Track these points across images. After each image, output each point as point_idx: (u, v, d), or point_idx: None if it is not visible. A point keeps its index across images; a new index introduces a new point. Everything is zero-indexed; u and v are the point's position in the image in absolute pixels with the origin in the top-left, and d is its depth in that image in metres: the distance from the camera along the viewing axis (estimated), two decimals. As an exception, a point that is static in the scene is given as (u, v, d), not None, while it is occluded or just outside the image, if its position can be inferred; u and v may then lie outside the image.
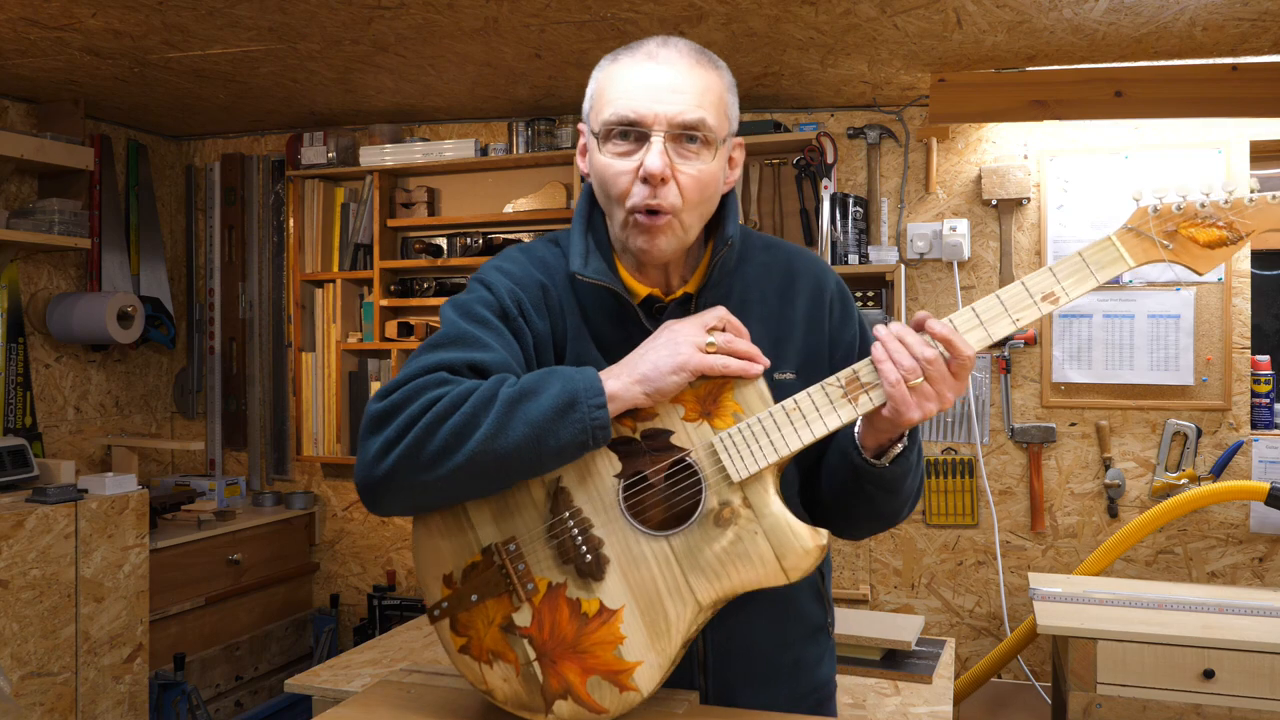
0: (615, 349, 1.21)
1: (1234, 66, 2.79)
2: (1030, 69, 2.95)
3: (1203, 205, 1.09)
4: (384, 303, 3.73)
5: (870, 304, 3.27)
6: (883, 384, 1.09)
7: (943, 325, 1.09)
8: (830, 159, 3.26)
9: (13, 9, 2.50)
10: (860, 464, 1.18)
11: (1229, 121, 3.01)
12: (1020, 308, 1.10)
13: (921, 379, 1.08)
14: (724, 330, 1.14)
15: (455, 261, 3.71)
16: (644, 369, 1.11)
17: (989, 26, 2.59)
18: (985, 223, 3.28)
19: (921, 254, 3.29)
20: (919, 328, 1.11)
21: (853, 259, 3.21)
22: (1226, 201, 1.08)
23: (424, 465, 1.09)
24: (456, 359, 1.15)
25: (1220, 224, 1.08)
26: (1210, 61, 2.80)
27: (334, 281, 3.84)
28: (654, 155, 1.14)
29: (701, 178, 1.17)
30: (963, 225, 3.23)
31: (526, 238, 3.65)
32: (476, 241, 3.68)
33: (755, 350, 1.13)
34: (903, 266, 3.22)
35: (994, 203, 3.23)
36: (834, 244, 3.22)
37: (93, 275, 3.65)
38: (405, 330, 3.73)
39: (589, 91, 1.24)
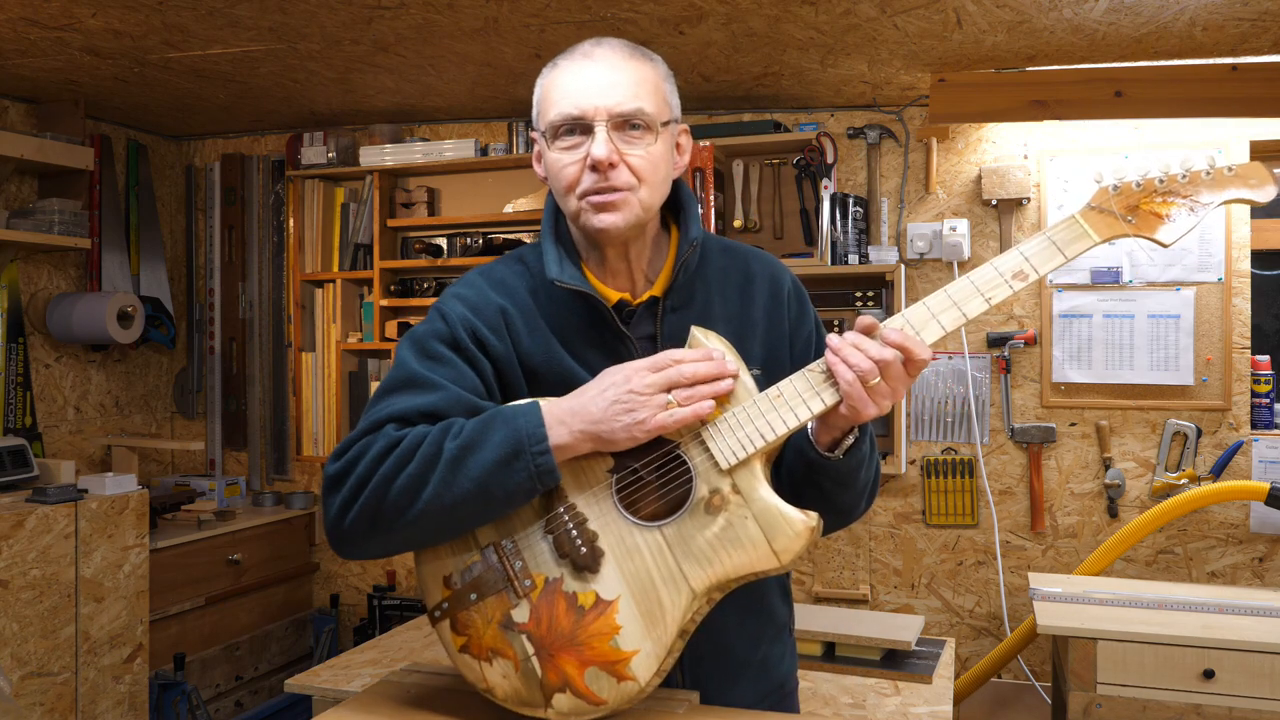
0: (590, 357, 1.26)
1: (1234, 66, 2.79)
2: (1030, 69, 2.95)
3: (1161, 181, 1.15)
4: (384, 303, 3.73)
5: (870, 304, 3.27)
6: (839, 384, 1.12)
7: (897, 332, 1.12)
8: (830, 159, 3.26)
9: (13, 9, 2.50)
10: (815, 459, 1.21)
11: (1229, 121, 3.01)
12: (991, 287, 1.15)
13: (879, 379, 1.11)
14: (675, 366, 1.14)
15: (455, 261, 3.71)
16: (599, 427, 1.13)
17: (989, 26, 2.59)
18: (985, 223, 3.28)
19: (921, 254, 3.29)
20: (868, 332, 1.13)
21: (853, 259, 3.21)
22: (1184, 176, 1.14)
23: (380, 524, 1.15)
24: (408, 408, 1.19)
25: (1180, 196, 1.14)
26: (1210, 61, 2.80)
27: (334, 281, 3.84)
28: (599, 144, 1.20)
29: (650, 158, 1.23)
30: (963, 225, 3.23)
31: (527, 238, 3.65)
32: (476, 241, 3.68)
33: (715, 367, 1.14)
34: (903, 266, 3.22)
35: (994, 203, 3.23)
36: (834, 244, 3.22)
37: (93, 275, 3.65)
38: (405, 330, 3.73)
39: (534, 100, 1.29)
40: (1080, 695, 2.45)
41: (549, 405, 1.15)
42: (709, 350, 1.14)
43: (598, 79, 1.21)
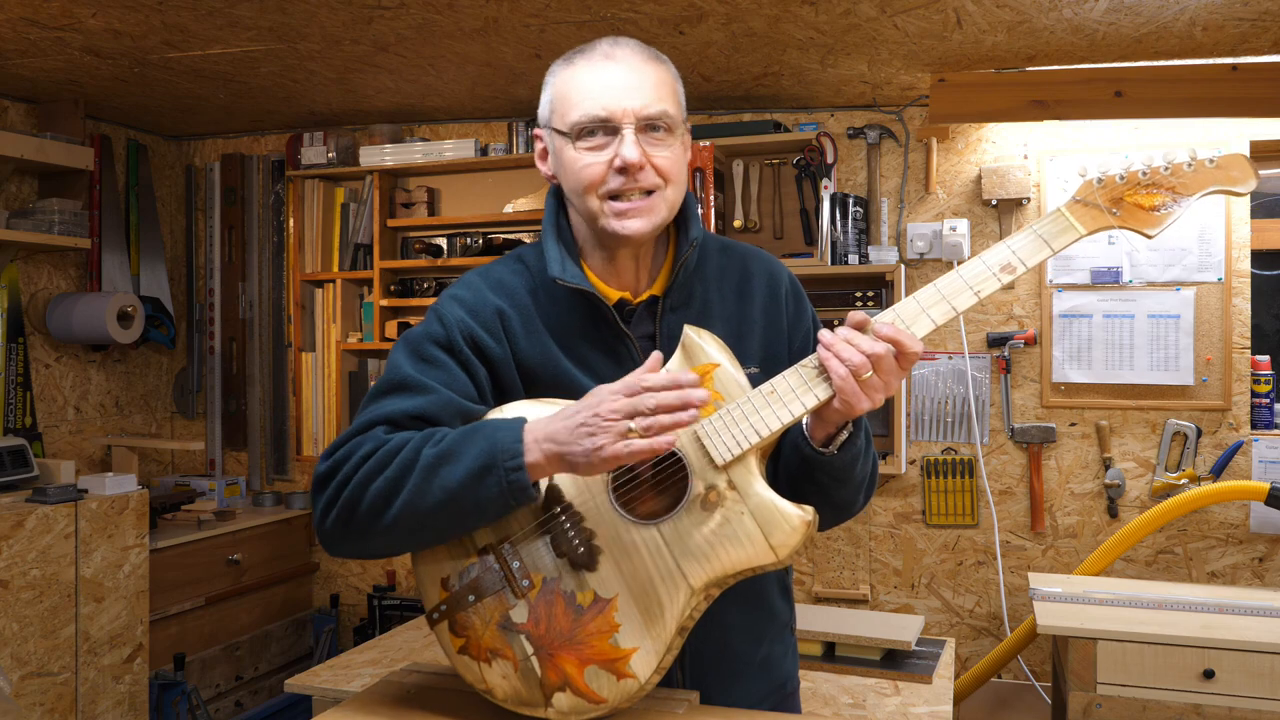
0: (589, 357, 1.27)
1: (1234, 66, 2.79)
2: (1030, 69, 2.95)
3: (1144, 173, 1.17)
4: (384, 303, 3.73)
5: (870, 304, 3.27)
6: (832, 379, 1.12)
7: (888, 326, 1.12)
8: (830, 159, 3.26)
9: (13, 9, 2.50)
10: (810, 454, 1.22)
11: (1229, 121, 3.01)
12: (980, 280, 1.15)
13: (871, 373, 1.11)
14: (655, 391, 1.07)
15: (455, 261, 3.71)
16: (564, 449, 1.09)
17: (989, 26, 2.59)
18: (985, 223, 3.28)
19: (921, 254, 3.29)
20: (860, 327, 1.14)
21: (853, 259, 3.21)
22: (1167, 168, 1.16)
23: (358, 525, 1.16)
24: (398, 410, 1.20)
25: (1163, 189, 1.16)
26: (1210, 61, 2.80)
27: (334, 281, 3.84)
28: (629, 146, 1.21)
29: (674, 158, 1.25)
30: (963, 225, 3.23)
31: (527, 238, 3.65)
32: (476, 241, 3.68)
33: (681, 395, 1.07)
34: (903, 266, 3.22)
35: (994, 203, 3.23)
36: (834, 244, 3.22)
37: (93, 275, 3.65)
38: (405, 331, 3.73)
39: (547, 96, 1.29)
40: (1080, 695, 2.45)
41: (533, 423, 1.13)
42: (677, 376, 1.08)
43: (622, 80, 1.22)
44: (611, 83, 1.22)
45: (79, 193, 3.48)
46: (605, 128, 1.22)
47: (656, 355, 1.15)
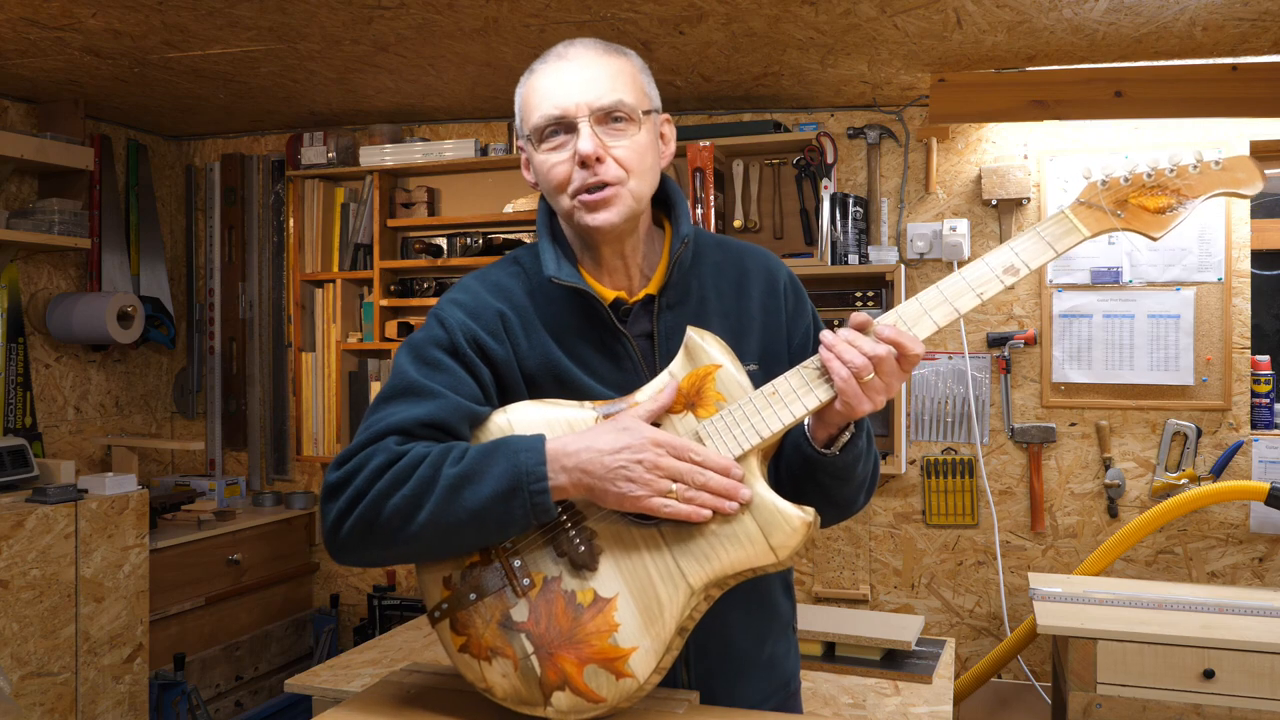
0: (587, 356, 1.27)
1: (1234, 66, 2.79)
2: (1030, 69, 2.96)
3: (1149, 175, 1.16)
4: (384, 303, 3.73)
5: (870, 304, 3.27)
6: (833, 380, 1.12)
7: (890, 328, 1.12)
8: (830, 159, 3.26)
9: (13, 9, 2.50)
10: (812, 455, 1.22)
11: (1229, 121, 3.01)
12: (983, 282, 1.15)
13: (873, 375, 1.11)
14: (707, 469, 1.12)
15: (455, 261, 3.71)
16: (595, 483, 1.12)
17: (989, 26, 2.59)
18: (985, 223, 3.28)
19: (921, 254, 3.29)
20: (862, 329, 1.14)
21: (853, 259, 3.21)
22: (1172, 170, 1.15)
23: (374, 538, 1.16)
24: (408, 419, 1.19)
25: (1168, 191, 1.15)
26: (1210, 61, 2.80)
27: (334, 281, 3.84)
28: (584, 140, 1.21)
29: (636, 148, 1.24)
30: (963, 225, 3.23)
31: (527, 238, 3.65)
32: (476, 241, 3.68)
33: (730, 485, 1.11)
34: (903, 266, 3.22)
35: (994, 203, 3.23)
36: (834, 244, 3.22)
37: (93, 275, 3.65)
38: (405, 330, 3.73)
39: (516, 109, 1.31)
40: (1080, 695, 2.45)
41: (555, 443, 1.14)
42: (730, 464, 1.12)
43: (575, 76, 1.23)
44: (564, 80, 1.23)
45: (79, 193, 3.48)
46: (563, 126, 1.23)
47: (671, 386, 1.17)
